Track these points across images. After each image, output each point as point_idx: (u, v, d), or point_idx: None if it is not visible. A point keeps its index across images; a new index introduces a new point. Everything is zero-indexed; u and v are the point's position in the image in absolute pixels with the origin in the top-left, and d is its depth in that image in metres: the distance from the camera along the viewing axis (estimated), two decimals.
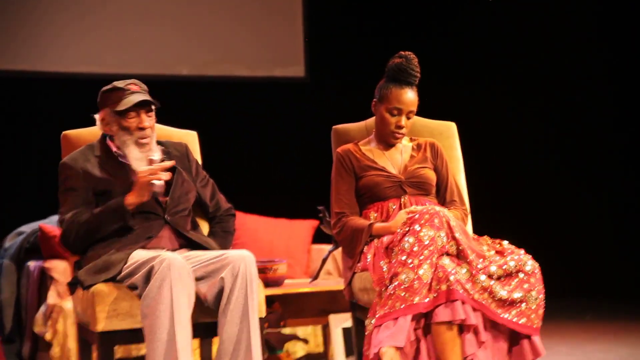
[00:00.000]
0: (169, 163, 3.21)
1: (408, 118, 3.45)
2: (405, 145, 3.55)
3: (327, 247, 5.01)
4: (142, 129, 3.24)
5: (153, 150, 3.27)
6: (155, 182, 3.16)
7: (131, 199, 3.16)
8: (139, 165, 3.23)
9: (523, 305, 3.04)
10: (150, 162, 3.21)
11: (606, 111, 7.43)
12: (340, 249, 4.13)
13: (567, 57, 7.34)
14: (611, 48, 7.36)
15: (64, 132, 3.54)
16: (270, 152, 6.93)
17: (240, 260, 3.06)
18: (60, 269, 4.51)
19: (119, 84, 3.26)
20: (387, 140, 3.50)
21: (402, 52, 3.46)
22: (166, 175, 3.18)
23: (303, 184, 6.82)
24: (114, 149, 3.28)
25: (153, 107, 3.28)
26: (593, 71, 7.36)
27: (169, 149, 3.37)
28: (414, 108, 3.45)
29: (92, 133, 3.49)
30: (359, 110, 3.89)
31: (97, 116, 3.31)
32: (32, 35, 6.37)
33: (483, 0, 7.24)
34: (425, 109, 3.83)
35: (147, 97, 3.23)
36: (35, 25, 6.36)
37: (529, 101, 7.32)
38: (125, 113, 3.21)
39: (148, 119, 3.24)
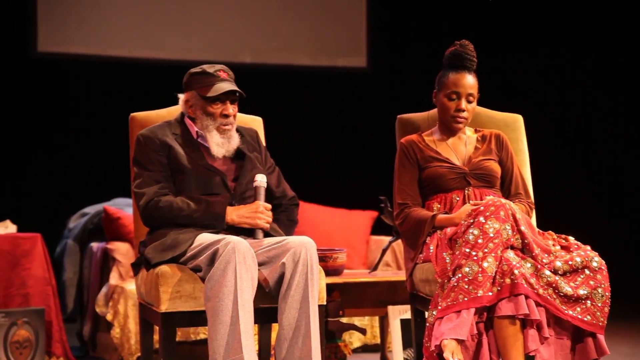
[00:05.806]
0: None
1: (469, 102, 3.39)
2: (469, 137, 3.50)
3: (386, 239, 4.98)
4: (226, 116, 3.28)
5: (234, 138, 3.31)
6: (261, 230, 3.21)
7: (234, 218, 3.20)
8: (219, 150, 3.28)
9: (588, 302, 2.98)
10: (261, 189, 3.26)
11: None
12: (399, 240, 4.11)
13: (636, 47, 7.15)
14: None
15: (132, 114, 3.57)
16: (330, 142, 6.92)
17: (301, 246, 3.06)
18: (123, 250, 4.56)
19: (209, 68, 3.29)
20: (449, 126, 3.44)
21: (457, 41, 3.42)
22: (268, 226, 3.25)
23: (362, 175, 6.80)
24: (195, 129, 3.32)
25: (238, 95, 3.31)
26: None
27: (243, 134, 3.40)
28: (473, 91, 3.39)
29: (159, 115, 3.52)
30: (420, 102, 3.85)
31: (181, 96, 3.35)
32: (100, 21, 6.45)
33: None
34: (492, 101, 3.78)
35: (234, 86, 3.27)
36: (103, 10, 6.45)
37: (598, 94, 7.17)
38: (212, 99, 3.25)
39: (232, 107, 3.29)
